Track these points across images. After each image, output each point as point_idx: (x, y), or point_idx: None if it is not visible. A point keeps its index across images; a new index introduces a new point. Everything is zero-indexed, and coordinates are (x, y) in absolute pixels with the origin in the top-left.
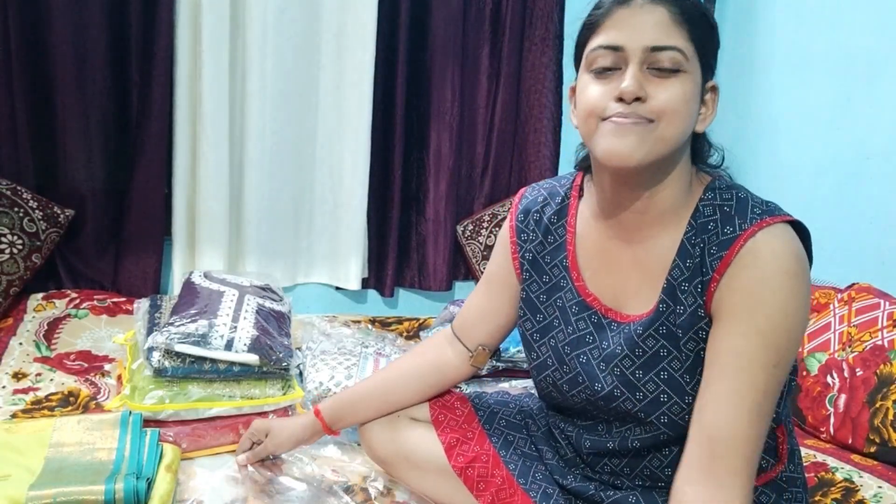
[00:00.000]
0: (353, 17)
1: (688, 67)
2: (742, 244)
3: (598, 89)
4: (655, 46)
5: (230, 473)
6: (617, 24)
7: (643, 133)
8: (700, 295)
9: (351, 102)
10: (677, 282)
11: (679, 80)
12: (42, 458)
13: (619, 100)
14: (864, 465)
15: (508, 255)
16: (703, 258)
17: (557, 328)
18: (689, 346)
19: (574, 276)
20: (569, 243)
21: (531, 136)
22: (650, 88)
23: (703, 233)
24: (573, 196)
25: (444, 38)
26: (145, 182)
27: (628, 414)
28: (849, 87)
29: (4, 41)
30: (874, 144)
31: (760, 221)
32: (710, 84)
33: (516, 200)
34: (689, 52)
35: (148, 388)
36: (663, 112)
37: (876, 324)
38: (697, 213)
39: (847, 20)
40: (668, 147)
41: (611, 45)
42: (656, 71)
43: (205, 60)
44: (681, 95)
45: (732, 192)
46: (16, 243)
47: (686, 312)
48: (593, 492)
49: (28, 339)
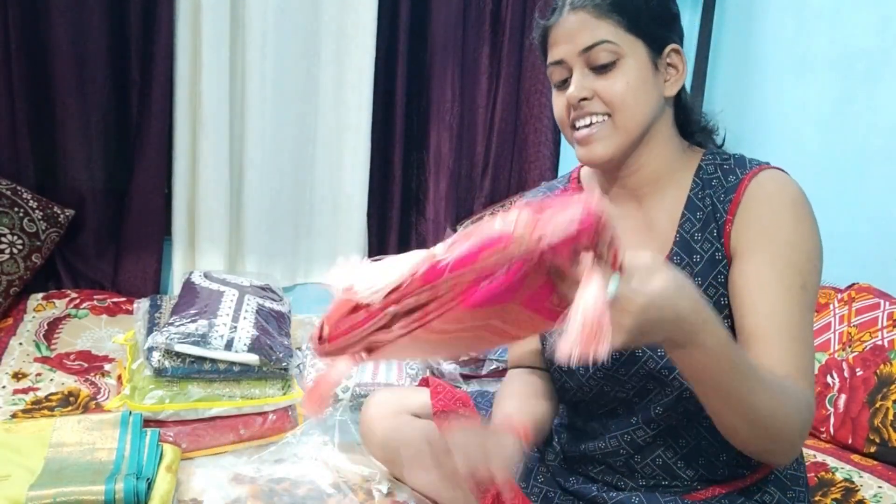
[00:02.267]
0: (353, 17)
1: (623, 52)
2: (747, 184)
3: (558, 101)
4: (585, 48)
5: (230, 473)
6: (555, 40)
7: (604, 133)
8: (717, 239)
9: (351, 102)
10: (689, 234)
11: (619, 70)
12: (42, 458)
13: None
14: (864, 465)
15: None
16: (714, 206)
17: None
18: (708, 293)
19: None
20: None
21: (531, 136)
22: (596, 86)
23: (708, 187)
24: (572, 189)
25: (444, 38)
26: (145, 182)
27: (650, 376)
28: (849, 87)
29: (4, 41)
30: (874, 144)
31: (760, 167)
32: (668, 48)
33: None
34: (621, 37)
35: (148, 388)
36: (611, 102)
37: (876, 324)
38: (701, 170)
39: (847, 20)
40: (636, 130)
41: (555, 61)
42: (599, 69)
43: (205, 60)
44: (624, 86)
45: (729, 154)
46: (16, 243)
47: (703, 259)
48: (595, 493)
49: (28, 339)
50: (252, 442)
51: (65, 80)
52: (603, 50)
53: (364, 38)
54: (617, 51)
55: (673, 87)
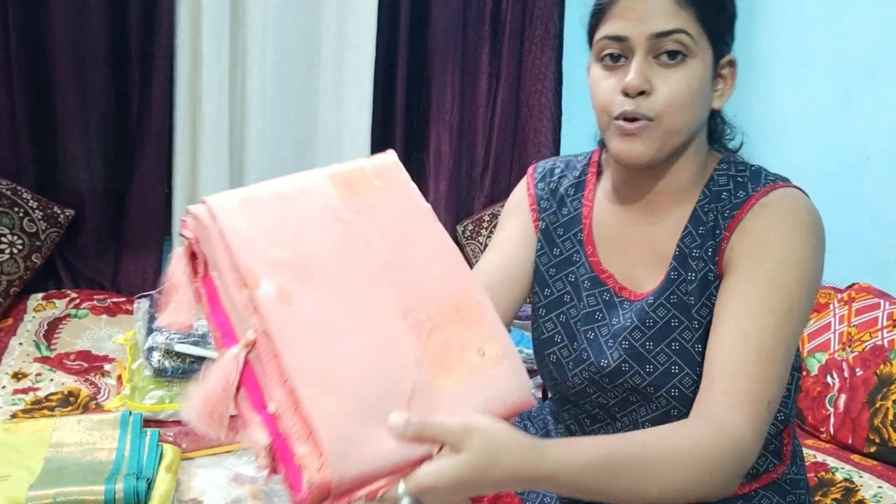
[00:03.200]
0: (353, 17)
1: (695, 51)
2: (754, 202)
3: (605, 83)
4: (659, 33)
5: (230, 473)
6: (621, 13)
7: (649, 134)
8: (711, 259)
9: (351, 102)
10: (689, 248)
11: (685, 67)
12: (42, 459)
13: (625, 93)
14: (864, 465)
15: (530, 220)
16: (716, 222)
17: (570, 304)
18: (701, 314)
19: (589, 251)
20: (585, 217)
21: (531, 136)
22: (655, 80)
23: (716, 200)
24: (591, 172)
25: (444, 38)
26: (145, 182)
27: (635, 390)
28: (849, 87)
29: (4, 41)
30: (874, 144)
31: (774, 184)
32: (725, 59)
33: (530, 171)
34: (697, 33)
35: (148, 388)
36: (666, 107)
37: (876, 324)
38: (712, 181)
39: (847, 20)
40: (680, 137)
41: (615, 36)
42: (664, 58)
43: (205, 60)
44: (686, 86)
45: (746, 165)
46: (16, 243)
47: (696, 279)
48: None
49: (28, 339)
50: None
51: (65, 80)
52: (678, 41)
53: (364, 38)
54: (691, 47)
55: (720, 99)
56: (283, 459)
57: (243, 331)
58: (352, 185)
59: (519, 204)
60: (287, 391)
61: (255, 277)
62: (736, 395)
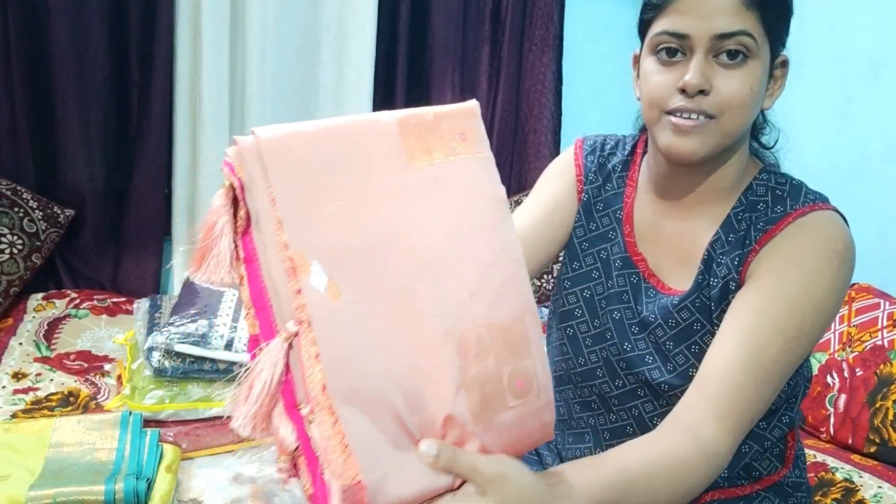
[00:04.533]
0: (353, 17)
1: (756, 52)
2: (791, 221)
3: (661, 78)
4: (724, 34)
5: (230, 473)
6: (685, 9)
7: (705, 131)
8: (735, 268)
9: (351, 102)
10: (717, 253)
11: (746, 69)
12: (42, 459)
13: (682, 91)
14: (864, 465)
15: (574, 190)
16: (747, 232)
17: (597, 280)
18: (719, 319)
19: (626, 231)
20: (627, 196)
21: (531, 136)
22: (715, 80)
23: (751, 210)
24: (638, 153)
25: (444, 38)
26: (145, 182)
27: (648, 384)
28: (849, 87)
29: (4, 41)
30: (874, 145)
31: (814, 204)
32: (780, 59)
33: (578, 143)
34: (759, 35)
35: (148, 388)
36: (728, 107)
37: (876, 324)
38: (750, 190)
39: (847, 20)
40: (732, 138)
41: (676, 32)
42: (724, 58)
43: (205, 60)
44: (747, 88)
45: (787, 178)
46: (16, 243)
47: (718, 285)
48: None
49: (28, 339)
50: (252, 442)
51: (65, 80)
52: (742, 43)
53: (364, 38)
54: (752, 48)
55: (770, 99)
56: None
57: (281, 314)
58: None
59: (565, 170)
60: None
61: (305, 261)
62: (722, 408)
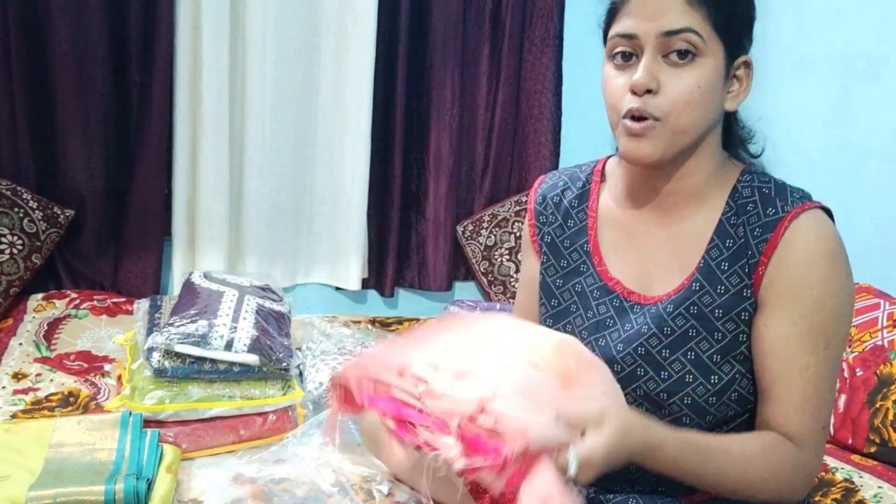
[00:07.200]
0: (353, 17)
1: (705, 50)
2: (787, 226)
3: (615, 82)
4: (669, 31)
5: (230, 473)
6: (632, 11)
7: (655, 133)
8: (748, 276)
9: (351, 102)
10: (716, 261)
11: (694, 67)
12: (42, 459)
13: (633, 92)
14: (864, 465)
15: (530, 243)
16: (746, 239)
17: (575, 313)
18: (727, 327)
19: (595, 261)
20: (590, 228)
21: (531, 136)
22: (664, 78)
23: (742, 213)
24: (594, 181)
25: (444, 38)
26: (145, 182)
27: (647, 397)
28: (849, 87)
29: (4, 41)
30: (874, 144)
31: (802, 205)
32: (740, 60)
33: (535, 185)
34: (707, 33)
35: (148, 388)
36: (675, 105)
37: (876, 324)
38: (736, 193)
39: (847, 20)
40: (689, 137)
41: (626, 34)
42: (674, 57)
43: (205, 60)
44: (694, 86)
45: (769, 177)
46: (16, 243)
47: (729, 293)
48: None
49: (28, 339)
50: (252, 442)
51: (65, 81)
52: (687, 39)
53: (364, 38)
54: (700, 46)
55: (734, 101)
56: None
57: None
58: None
59: (525, 225)
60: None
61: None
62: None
